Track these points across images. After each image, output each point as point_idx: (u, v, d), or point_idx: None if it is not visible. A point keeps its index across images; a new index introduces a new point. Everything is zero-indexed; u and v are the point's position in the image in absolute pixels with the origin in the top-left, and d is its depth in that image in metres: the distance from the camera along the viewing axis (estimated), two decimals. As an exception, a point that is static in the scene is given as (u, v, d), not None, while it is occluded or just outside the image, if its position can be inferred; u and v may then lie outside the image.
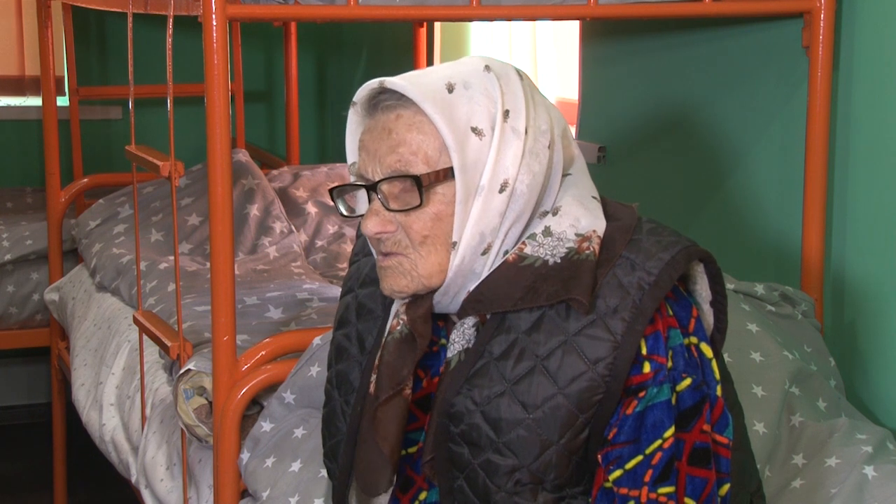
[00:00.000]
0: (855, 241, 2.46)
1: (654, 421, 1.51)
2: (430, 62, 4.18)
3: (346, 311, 1.74)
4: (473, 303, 1.58)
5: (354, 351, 1.70)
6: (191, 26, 2.30)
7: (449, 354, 1.60)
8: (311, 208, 3.70)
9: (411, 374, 1.60)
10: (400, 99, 1.55)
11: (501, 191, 1.54)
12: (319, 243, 3.60)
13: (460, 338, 1.59)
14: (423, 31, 4.18)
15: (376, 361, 1.64)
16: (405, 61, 4.27)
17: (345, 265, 3.46)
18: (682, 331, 1.55)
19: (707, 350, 1.58)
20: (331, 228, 3.66)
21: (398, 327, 1.61)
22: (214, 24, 2.10)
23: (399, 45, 4.41)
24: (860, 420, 2.25)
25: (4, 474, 4.27)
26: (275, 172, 3.90)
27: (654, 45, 3.07)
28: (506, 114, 1.55)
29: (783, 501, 2.06)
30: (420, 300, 1.60)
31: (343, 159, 4.43)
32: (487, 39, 4.02)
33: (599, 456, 1.54)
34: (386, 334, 1.63)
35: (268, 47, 4.92)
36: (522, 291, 1.54)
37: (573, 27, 3.50)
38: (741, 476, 1.63)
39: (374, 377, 1.63)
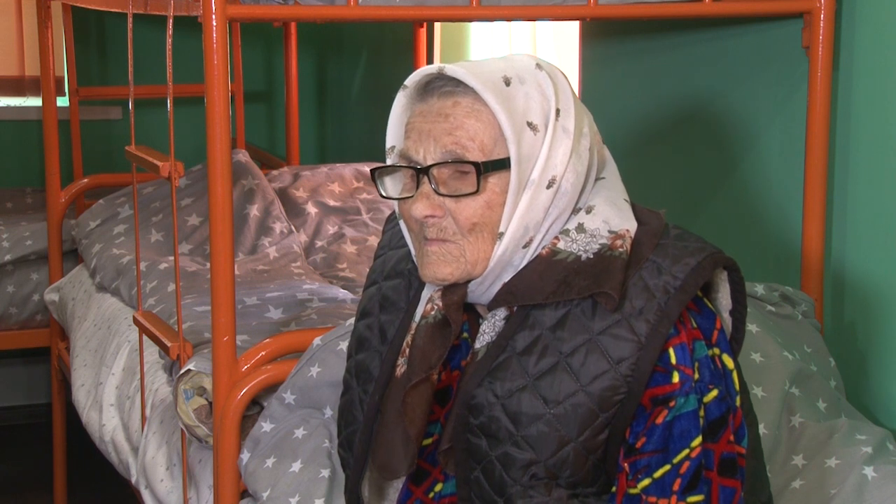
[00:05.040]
0: (855, 240, 2.46)
1: (681, 430, 1.53)
2: (429, 62, 4.17)
3: (370, 303, 1.75)
4: (506, 294, 1.59)
5: (376, 342, 1.71)
6: (191, 26, 2.30)
7: (477, 345, 1.61)
8: (311, 208, 3.70)
9: (442, 359, 1.61)
10: (458, 86, 1.56)
11: (549, 186, 1.56)
12: (319, 243, 3.60)
13: (490, 329, 1.60)
14: (423, 31, 4.18)
15: (404, 346, 1.65)
16: (405, 61, 4.27)
17: (344, 265, 3.46)
18: (707, 343, 1.56)
19: (729, 361, 1.59)
20: (331, 229, 3.65)
21: (432, 312, 1.62)
22: (214, 24, 2.10)
23: (399, 45, 4.41)
24: (860, 421, 2.25)
25: (4, 474, 4.26)
26: (275, 173, 3.90)
27: (654, 45, 3.07)
28: (557, 112, 1.57)
29: (783, 502, 2.07)
30: (456, 287, 1.61)
31: (342, 159, 4.46)
32: (487, 39, 4.02)
33: (626, 464, 1.55)
34: (419, 318, 1.64)
35: (268, 47, 4.92)
36: (554, 285, 1.56)
37: (573, 27, 3.50)
38: (753, 484, 1.64)
39: (401, 360, 1.64)
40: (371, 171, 1.64)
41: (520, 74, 1.59)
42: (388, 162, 1.64)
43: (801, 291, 2.44)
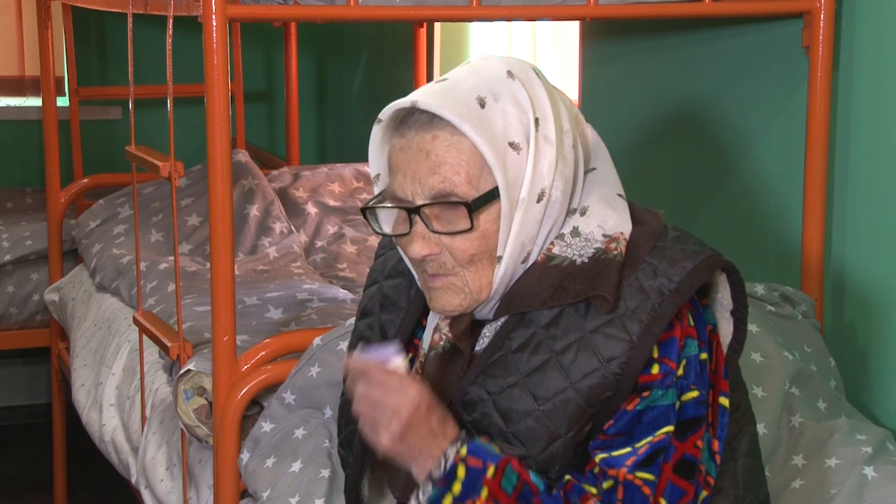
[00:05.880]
0: (855, 241, 2.46)
1: (651, 420, 1.53)
2: (429, 62, 4.17)
3: (370, 302, 1.75)
4: (506, 304, 1.60)
5: (376, 341, 1.72)
6: (191, 26, 2.30)
7: (478, 349, 1.62)
8: (311, 208, 3.70)
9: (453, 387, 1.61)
10: (433, 118, 1.54)
11: (539, 200, 1.55)
12: (319, 243, 3.60)
13: (491, 333, 1.61)
14: (423, 31, 4.17)
15: (412, 374, 1.64)
16: (405, 61, 4.27)
17: (344, 265, 3.46)
18: (701, 344, 1.56)
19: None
20: (331, 229, 3.65)
21: (440, 342, 1.63)
22: (214, 24, 2.10)
23: (399, 45, 4.41)
24: (860, 420, 2.25)
25: (4, 474, 4.26)
26: (275, 173, 3.90)
27: (654, 45, 3.07)
28: (536, 122, 1.55)
29: (783, 502, 2.07)
30: (462, 314, 1.61)
31: (342, 159, 4.46)
32: (487, 39, 4.02)
33: (591, 443, 1.55)
34: (427, 349, 1.64)
35: (268, 47, 4.92)
36: (551, 290, 1.56)
37: (573, 27, 3.50)
38: (751, 483, 1.63)
39: None
40: (361, 209, 1.63)
41: (493, 90, 1.55)
42: (376, 190, 1.64)
43: (801, 291, 2.44)
